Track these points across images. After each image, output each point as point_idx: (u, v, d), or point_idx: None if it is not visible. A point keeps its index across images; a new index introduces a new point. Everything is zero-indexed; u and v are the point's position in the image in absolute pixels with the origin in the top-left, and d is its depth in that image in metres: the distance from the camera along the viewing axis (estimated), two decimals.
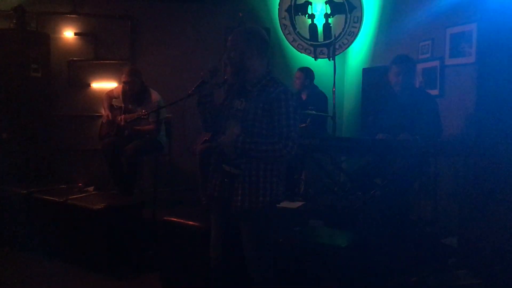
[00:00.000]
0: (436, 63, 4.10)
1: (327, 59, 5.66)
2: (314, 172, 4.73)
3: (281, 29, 5.67)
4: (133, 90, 4.32)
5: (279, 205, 3.45)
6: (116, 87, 4.64)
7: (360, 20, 5.54)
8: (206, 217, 2.47)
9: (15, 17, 4.73)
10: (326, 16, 5.59)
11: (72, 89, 5.37)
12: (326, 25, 5.61)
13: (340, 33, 5.56)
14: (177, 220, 3.10)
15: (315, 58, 5.70)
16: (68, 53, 5.33)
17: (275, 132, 2.18)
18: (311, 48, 5.70)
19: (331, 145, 3.54)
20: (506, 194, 2.62)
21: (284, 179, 2.33)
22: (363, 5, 5.53)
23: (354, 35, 5.59)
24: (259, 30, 2.33)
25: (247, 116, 2.21)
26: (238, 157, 2.19)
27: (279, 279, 2.47)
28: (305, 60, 5.67)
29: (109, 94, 4.57)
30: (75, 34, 5.34)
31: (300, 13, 5.65)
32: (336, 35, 5.44)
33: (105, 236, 3.47)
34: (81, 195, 3.91)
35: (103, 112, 4.58)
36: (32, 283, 3.32)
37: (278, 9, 5.65)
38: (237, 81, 2.30)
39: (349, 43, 5.64)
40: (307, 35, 5.67)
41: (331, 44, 5.29)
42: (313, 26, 5.64)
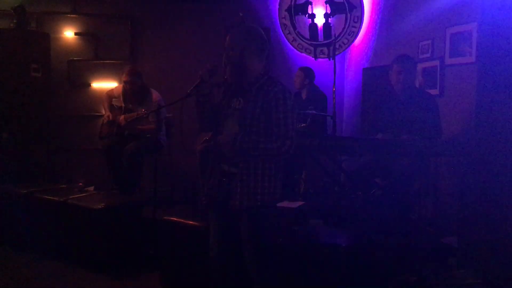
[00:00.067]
0: (436, 63, 4.10)
1: (327, 59, 5.67)
2: (314, 172, 4.74)
3: (281, 28, 5.67)
4: (134, 89, 4.32)
5: (279, 204, 3.45)
6: (117, 87, 4.64)
7: (360, 19, 5.54)
8: (206, 217, 2.47)
9: (15, 17, 4.73)
10: (326, 15, 5.59)
11: (72, 89, 5.38)
12: (326, 24, 5.61)
13: (340, 33, 5.56)
14: (177, 219, 3.10)
15: (315, 58, 5.70)
16: (68, 53, 5.33)
17: (273, 131, 2.18)
18: (311, 48, 5.70)
19: (331, 145, 3.53)
20: (506, 194, 2.63)
21: (282, 177, 2.33)
22: (363, 5, 5.53)
23: (354, 34, 5.59)
24: (257, 29, 2.33)
25: (245, 115, 2.21)
26: (236, 156, 2.20)
27: (279, 279, 2.47)
28: (305, 60, 5.68)
29: (109, 94, 4.57)
30: (75, 34, 5.34)
31: (300, 13, 5.65)
32: (336, 34, 5.43)
33: (105, 235, 3.48)
34: (81, 194, 3.92)
35: (104, 112, 4.59)
36: (32, 283, 3.32)
37: (278, 8, 5.65)
38: (236, 80, 2.30)
39: (349, 42, 5.64)
40: (307, 34, 5.67)
41: (331, 44, 5.29)
42: (313, 26, 5.64)
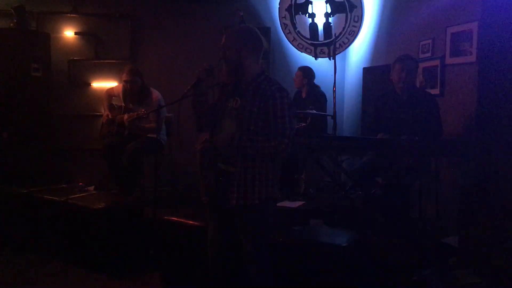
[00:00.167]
0: (437, 62, 4.09)
1: (327, 58, 5.67)
2: (315, 172, 4.73)
3: (281, 28, 5.67)
4: (134, 89, 4.31)
5: (279, 204, 3.45)
6: (117, 86, 4.63)
7: (360, 19, 5.54)
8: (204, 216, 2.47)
9: (15, 17, 4.73)
10: (327, 15, 5.59)
11: (73, 88, 5.38)
12: (326, 24, 5.61)
13: (340, 32, 5.56)
14: (178, 219, 3.10)
15: (316, 57, 5.70)
16: (68, 52, 5.33)
17: (270, 130, 2.18)
18: (312, 48, 5.69)
19: (332, 145, 3.53)
20: (507, 193, 2.62)
21: (279, 175, 2.33)
22: (364, 4, 5.52)
23: (355, 34, 5.58)
24: (252, 29, 2.34)
25: (243, 114, 2.21)
26: (234, 155, 2.19)
27: (279, 279, 2.47)
28: (305, 59, 5.67)
29: (109, 92, 4.56)
30: (76, 33, 5.34)
31: (300, 12, 5.65)
32: (337, 34, 5.43)
33: (106, 235, 3.47)
34: (82, 194, 3.91)
35: (103, 111, 4.58)
36: (32, 283, 3.32)
37: (279, 8, 5.65)
38: (233, 80, 2.30)
39: (350, 42, 5.63)
40: (307, 34, 5.67)
41: (332, 43, 5.29)
42: (313, 25, 5.64)
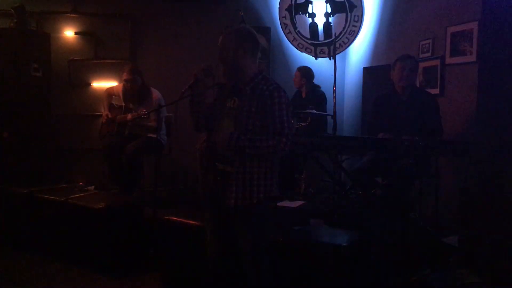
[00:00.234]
0: (437, 62, 4.09)
1: (327, 58, 5.67)
2: (315, 171, 4.73)
3: (281, 28, 5.67)
4: (134, 88, 4.31)
5: (279, 204, 3.44)
6: (117, 86, 4.63)
7: (360, 19, 5.54)
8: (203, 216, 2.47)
9: (15, 17, 4.73)
10: (327, 15, 5.59)
11: (73, 88, 5.38)
12: (326, 24, 5.61)
13: (340, 32, 5.56)
14: (178, 219, 3.10)
15: (316, 57, 5.70)
16: (68, 52, 5.33)
17: (268, 129, 2.19)
18: (312, 47, 5.70)
19: (332, 144, 3.54)
20: (507, 193, 2.63)
21: (278, 175, 2.34)
22: (364, 4, 5.52)
23: (355, 34, 5.58)
24: (249, 30, 2.35)
25: (241, 113, 2.22)
26: (232, 154, 2.20)
27: (279, 279, 2.47)
28: (305, 59, 5.67)
29: (109, 91, 4.56)
30: (76, 33, 5.34)
31: (300, 12, 5.65)
32: (337, 34, 5.43)
33: (106, 235, 3.47)
34: (82, 194, 3.91)
35: (103, 111, 4.58)
36: (33, 282, 3.32)
37: (279, 8, 5.65)
38: (230, 80, 2.30)
39: (350, 42, 5.63)
40: (307, 34, 5.67)
41: (332, 43, 5.29)
42: (313, 25, 5.64)
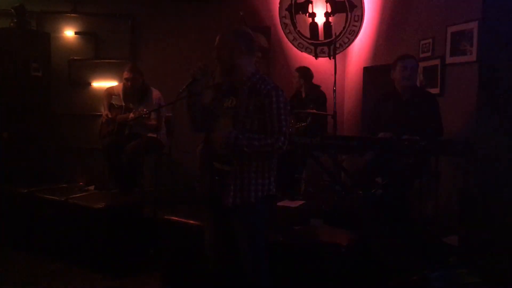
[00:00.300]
0: (437, 61, 4.09)
1: (327, 58, 5.66)
2: (315, 171, 4.73)
3: (281, 27, 5.67)
4: (135, 87, 4.29)
5: (279, 203, 3.44)
6: (117, 85, 4.63)
7: (360, 19, 5.53)
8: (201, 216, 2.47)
9: (15, 16, 4.73)
10: (327, 14, 5.59)
11: (73, 88, 5.39)
12: (326, 23, 5.61)
13: (340, 32, 5.56)
14: (178, 219, 3.10)
15: (316, 57, 5.70)
16: (68, 52, 5.34)
17: (266, 128, 2.19)
18: (312, 47, 5.69)
19: (332, 144, 3.53)
20: (507, 193, 2.62)
21: (276, 173, 2.34)
22: (364, 4, 5.52)
23: (355, 33, 5.58)
24: (245, 30, 2.36)
25: (239, 113, 2.22)
26: (230, 153, 2.20)
27: (279, 278, 2.47)
28: (305, 59, 5.67)
29: (109, 91, 4.55)
30: (76, 33, 5.35)
31: (300, 12, 5.65)
32: (337, 34, 5.43)
33: (106, 235, 3.48)
34: (82, 194, 3.92)
35: (103, 111, 4.58)
36: (32, 282, 3.32)
37: (279, 8, 5.64)
38: (227, 80, 2.31)
39: (350, 42, 5.63)
40: (307, 33, 5.66)
41: (332, 43, 5.29)
42: (313, 25, 5.64)
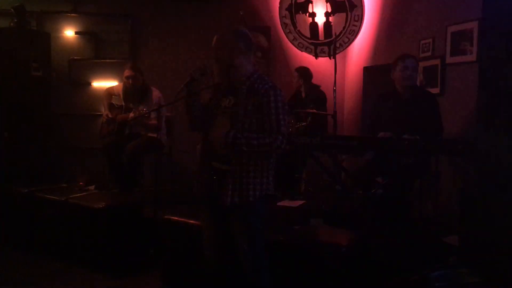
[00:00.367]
0: (437, 61, 4.09)
1: (327, 58, 5.66)
2: (315, 171, 4.73)
3: (281, 27, 5.67)
4: (135, 85, 4.28)
5: (279, 203, 3.44)
6: (117, 85, 4.63)
7: (360, 18, 5.53)
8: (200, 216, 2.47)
9: (15, 16, 4.73)
10: (327, 14, 5.59)
11: (73, 88, 5.39)
12: (326, 23, 5.61)
13: (341, 32, 5.56)
14: (178, 219, 3.10)
15: (316, 56, 5.70)
16: (68, 52, 5.34)
17: (265, 128, 2.20)
18: (312, 47, 5.69)
19: (332, 144, 3.53)
20: (507, 192, 2.62)
21: (274, 173, 2.34)
22: (364, 4, 5.52)
23: (355, 33, 5.58)
24: (243, 30, 2.36)
25: (237, 112, 2.23)
26: (229, 153, 2.20)
27: (279, 278, 2.47)
28: (305, 58, 5.67)
29: (109, 91, 4.55)
30: (76, 33, 5.35)
31: (300, 12, 5.65)
32: (337, 33, 5.43)
33: (106, 235, 3.47)
34: (82, 194, 3.92)
35: (103, 111, 4.58)
36: (32, 282, 3.32)
37: (279, 7, 5.64)
38: (225, 80, 2.31)
39: (350, 41, 5.63)
40: (307, 33, 5.67)
41: (332, 42, 5.29)
42: (313, 25, 5.64)
